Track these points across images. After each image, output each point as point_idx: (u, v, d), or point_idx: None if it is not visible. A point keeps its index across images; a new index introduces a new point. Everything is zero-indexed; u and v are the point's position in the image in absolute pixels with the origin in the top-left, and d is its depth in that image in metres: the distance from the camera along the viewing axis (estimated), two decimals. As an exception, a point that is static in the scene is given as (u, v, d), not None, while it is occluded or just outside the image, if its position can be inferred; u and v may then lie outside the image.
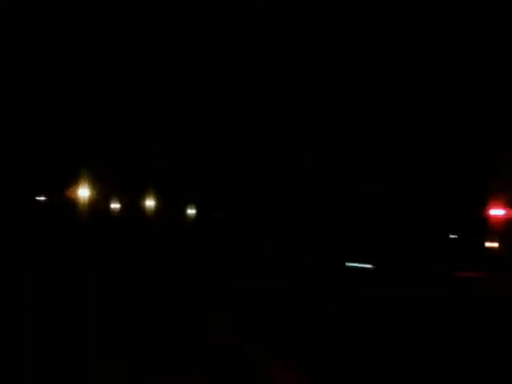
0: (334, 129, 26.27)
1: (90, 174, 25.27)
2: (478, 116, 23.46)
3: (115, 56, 21.90)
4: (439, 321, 11.69)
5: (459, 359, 8.73)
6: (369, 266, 21.62)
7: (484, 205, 22.87)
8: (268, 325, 10.36)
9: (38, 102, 21.86)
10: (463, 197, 23.89)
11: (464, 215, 23.64)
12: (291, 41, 22.64)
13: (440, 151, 24.14)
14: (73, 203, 26.79)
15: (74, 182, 26.63)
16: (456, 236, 24.67)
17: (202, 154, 27.65)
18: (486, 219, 22.93)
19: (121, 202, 28.74)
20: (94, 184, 26.37)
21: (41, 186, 25.79)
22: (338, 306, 12.44)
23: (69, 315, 10.04)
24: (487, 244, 23.69)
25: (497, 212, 22.77)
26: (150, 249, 22.24)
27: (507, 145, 23.48)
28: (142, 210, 29.50)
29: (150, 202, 30.17)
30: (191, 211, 30.41)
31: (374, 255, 21.90)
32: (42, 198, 27.30)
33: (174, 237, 25.45)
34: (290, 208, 28.05)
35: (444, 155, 24.12)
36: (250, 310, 11.61)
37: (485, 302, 14.31)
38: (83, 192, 26.86)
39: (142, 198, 29.59)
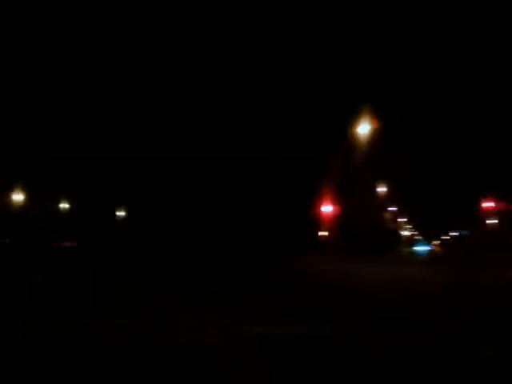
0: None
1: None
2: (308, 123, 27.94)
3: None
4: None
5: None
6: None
7: (316, 203, 28.94)
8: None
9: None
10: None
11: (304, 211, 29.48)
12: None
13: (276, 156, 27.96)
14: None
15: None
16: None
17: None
18: (318, 214, 29.11)
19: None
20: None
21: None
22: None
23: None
24: (320, 233, 30.09)
25: (326, 209, 29.06)
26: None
27: (333, 151, 29.29)
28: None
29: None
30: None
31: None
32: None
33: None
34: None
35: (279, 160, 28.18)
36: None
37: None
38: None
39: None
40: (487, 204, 36.81)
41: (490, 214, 38.79)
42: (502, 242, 39.14)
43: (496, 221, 40.62)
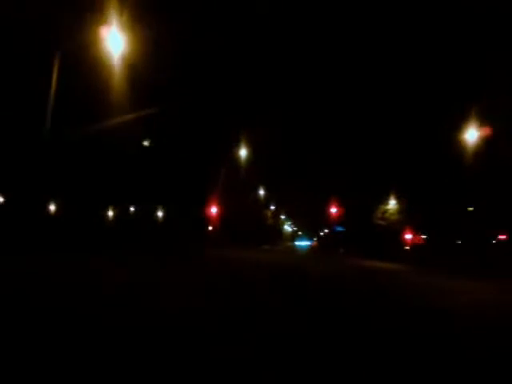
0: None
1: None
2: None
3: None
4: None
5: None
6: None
7: (204, 205, 36.49)
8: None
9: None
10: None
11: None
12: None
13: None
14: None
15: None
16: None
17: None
18: (207, 214, 36.70)
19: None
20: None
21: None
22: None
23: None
24: (209, 228, 37.72)
25: (212, 210, 36.76)
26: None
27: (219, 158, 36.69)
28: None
29: None
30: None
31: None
32: None
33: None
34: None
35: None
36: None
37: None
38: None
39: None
40: (332, 209, 46.49)
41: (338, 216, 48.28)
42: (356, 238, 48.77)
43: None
